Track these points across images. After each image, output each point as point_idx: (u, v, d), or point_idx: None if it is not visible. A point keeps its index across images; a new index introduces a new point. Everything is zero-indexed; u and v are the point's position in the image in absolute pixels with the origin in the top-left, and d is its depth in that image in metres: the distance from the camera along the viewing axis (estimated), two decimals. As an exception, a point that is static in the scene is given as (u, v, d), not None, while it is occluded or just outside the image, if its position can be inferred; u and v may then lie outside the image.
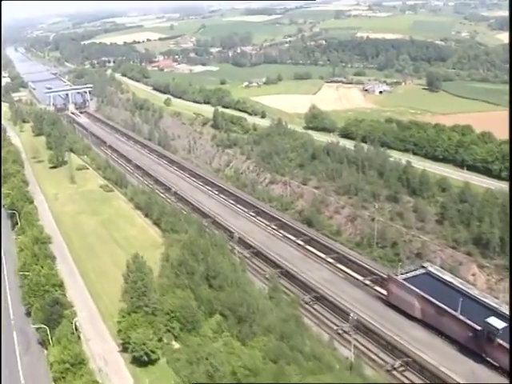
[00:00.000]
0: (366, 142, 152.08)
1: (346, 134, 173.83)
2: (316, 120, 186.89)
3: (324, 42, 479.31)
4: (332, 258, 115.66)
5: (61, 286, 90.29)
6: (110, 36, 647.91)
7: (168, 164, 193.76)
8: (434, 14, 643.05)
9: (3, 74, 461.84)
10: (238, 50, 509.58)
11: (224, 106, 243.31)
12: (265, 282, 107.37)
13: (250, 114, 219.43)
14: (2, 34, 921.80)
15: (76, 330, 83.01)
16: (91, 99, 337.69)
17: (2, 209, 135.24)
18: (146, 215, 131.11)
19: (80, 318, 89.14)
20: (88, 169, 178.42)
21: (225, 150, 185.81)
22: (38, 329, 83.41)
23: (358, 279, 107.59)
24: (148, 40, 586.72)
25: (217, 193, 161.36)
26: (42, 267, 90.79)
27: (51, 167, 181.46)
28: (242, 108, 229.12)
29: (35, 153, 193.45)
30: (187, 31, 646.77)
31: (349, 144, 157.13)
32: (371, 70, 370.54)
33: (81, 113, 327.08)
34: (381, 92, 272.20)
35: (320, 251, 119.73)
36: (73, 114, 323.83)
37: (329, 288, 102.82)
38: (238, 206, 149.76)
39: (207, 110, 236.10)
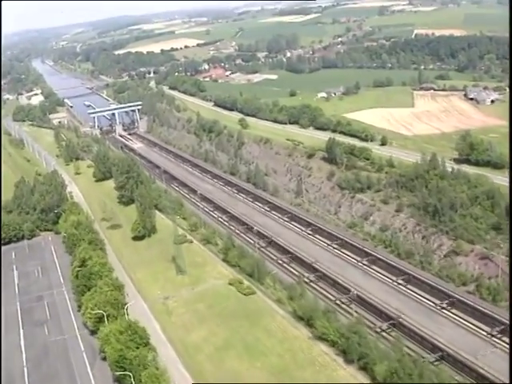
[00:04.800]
0: None
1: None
2: (475, 151, 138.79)
3: (385, 42, 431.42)
4: None
5: None
6: (143, 44, 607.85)
7: (276, 214, 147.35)
8: (479, 6, 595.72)
9: (35, 91, 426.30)
10: (288, 54, 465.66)
11: (318, 128, 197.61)
12: None
13: (362, 140, 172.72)
14: (27, 46, 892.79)
15: None
16: (140, 118, 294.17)
17: (107, 368, 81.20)
18: (351, 362, 76.77)
19: None
20: (192, 242, 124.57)
21: (355, 196, 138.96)
22: None
23: None
24: (186, 47, 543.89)
25: (367, 263, 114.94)
26: None
27: (135, 237, 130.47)
28: (347, 131, 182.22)
29: (105, 211, 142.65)
30: (225, 35, 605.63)
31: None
32: (449, 72, 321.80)
33: (129, 135, 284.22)
34: (492, 101, 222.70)
35: None
36: (121, 136, 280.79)
37: None
38: (414, 289, 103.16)
39: (302, 135, 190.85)
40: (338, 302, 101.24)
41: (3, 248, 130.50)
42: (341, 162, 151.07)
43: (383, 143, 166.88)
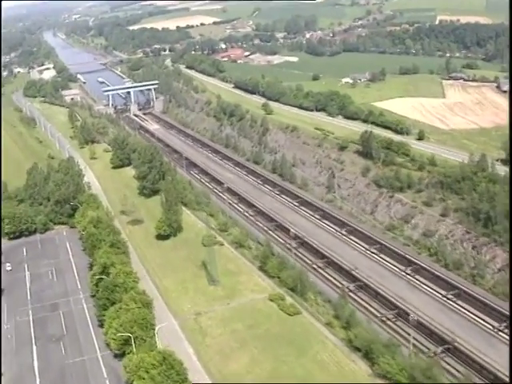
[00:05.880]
0: None
1: None
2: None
3: (409, 27, 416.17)
4: None
5: None
6: (157, 20, 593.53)
7: (306, 210, 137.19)
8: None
9: (47, 65, 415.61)
10: (307, 36, 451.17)
11: (348, 117, 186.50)
12: None
13: (397, 133, 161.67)
14: (38, 18, 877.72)
15: None
16: (156, 97, 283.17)
17: None
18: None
19: None
20: (222, 244, 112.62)
21: (393, 195, 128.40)
22: None
23: None
24: (202, 24, 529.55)
25: (411, 273, 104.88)
26: None
27: (158, 236, 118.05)
28: (380, 123, 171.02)
29: (125, 204, 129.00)
30: (241, 14, 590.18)
31: None
32: (477, 61, 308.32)
33: (144, 115, 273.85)
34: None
35: None
36: (136, 116, 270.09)
37: None
38: (466, 306, 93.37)
39: (331, 124, 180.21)
40: (383, 318, 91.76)
41: (13, 242, 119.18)
42: (377, 156, 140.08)
43: (420, 137, 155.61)
